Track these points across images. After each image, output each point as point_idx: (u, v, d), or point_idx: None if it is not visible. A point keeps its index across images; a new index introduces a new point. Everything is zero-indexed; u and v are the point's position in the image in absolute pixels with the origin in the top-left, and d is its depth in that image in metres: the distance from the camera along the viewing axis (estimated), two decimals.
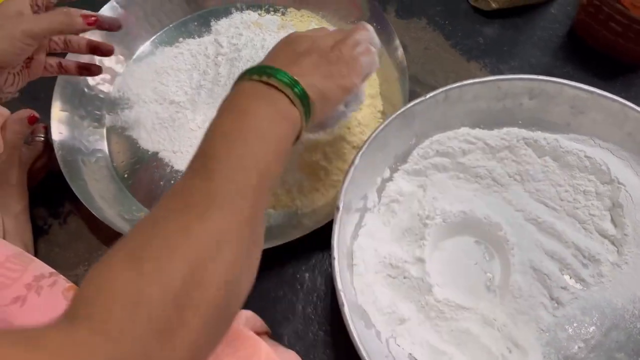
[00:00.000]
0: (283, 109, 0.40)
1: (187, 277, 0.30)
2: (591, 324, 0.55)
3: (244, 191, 0.35)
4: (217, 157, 0.36)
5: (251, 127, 0.38)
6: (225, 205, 0.34)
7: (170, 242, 0.31)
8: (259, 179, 0.36)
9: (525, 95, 0.59)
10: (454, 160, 0.60)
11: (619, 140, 0.57)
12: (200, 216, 0.33)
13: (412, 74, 0.72)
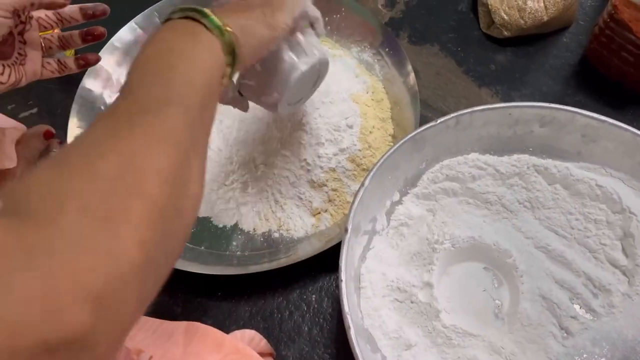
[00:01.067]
0: (203, 38, 0.39)
1: (122, 169, 0.28)
2: (601, 356, 0.54)
3: (168, 102, 0.33)
4: (149, 83, 0.35)
5: (171, 50, 0.37)
6: (151, 114, 0.32)
7: (99, 144, 0.30)
8: (184, 97, 0.35)
9: (536, 123, 0.59)
10: (463, 186, 0.60)
11: (630, 170, 0.57)
12: (128, 122, 0.31)
13: (424, 99, 0.73)
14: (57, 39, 0.58)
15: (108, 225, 0.26)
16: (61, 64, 0.59)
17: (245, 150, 0.67)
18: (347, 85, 0.69)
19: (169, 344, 0.55)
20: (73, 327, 0.23)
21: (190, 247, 0.65)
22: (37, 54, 0.56)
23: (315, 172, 0.64)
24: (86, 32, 0.58)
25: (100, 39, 0.59)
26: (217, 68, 0.40)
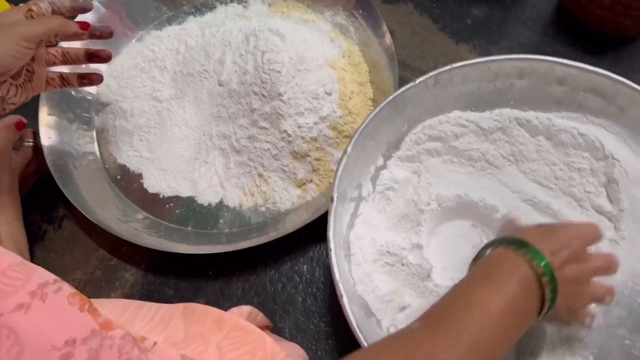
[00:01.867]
0: (530, 289, 0.39)
1: None
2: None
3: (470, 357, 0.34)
4: (453, 319, 0.36)
5: (495, 306, 0.37)
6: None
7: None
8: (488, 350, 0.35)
9: (516, 75, 0.58)
10: (446, 145, 0.60)
11: (611, 116, 0.57)
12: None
13: (401, 60, 0.72)
14: (61, 54, 0.59)
15: None
16: (64, 79, 0.60)
17: (224, 125, 0.66)
18: (322, 51, 0.67)
19: (170, 329, 0.55)
20: None
21: (177, 228, 0.64)
22: (43, 70, 0.58)
23: (296, 142, 0.63)
24: (93, 54, 0.60)
25: (106, 62, 0.62)
26: (528, 321, 0.40)
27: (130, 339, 0.48)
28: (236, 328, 0.50)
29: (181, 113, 0.69)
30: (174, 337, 0.52)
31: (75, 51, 0.59)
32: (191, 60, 0.70)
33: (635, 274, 0.54)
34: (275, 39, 0.63)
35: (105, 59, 0.61)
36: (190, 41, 0.73)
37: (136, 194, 0.67)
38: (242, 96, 0.64)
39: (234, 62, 0.65)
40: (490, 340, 0.35)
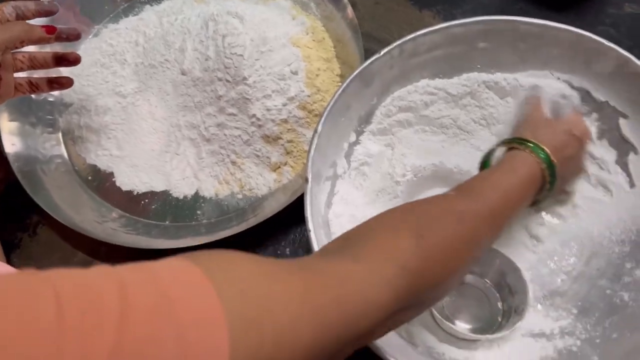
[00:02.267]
0: (535, 175, 0.47)
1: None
2: (571, 255, 0.56)
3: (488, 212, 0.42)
4: (482, 192, 0.44)
5: (513, 183, 0.46)
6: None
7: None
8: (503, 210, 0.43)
9: (480, 38, 0.58)
10: (417, 114, 0.60)
11: (577, 70, 0.57)
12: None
13: (366, 32, 0.70)
14: (29, 59, 0.57)
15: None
16: (32, 84, 0.59)
17: (191, 114, 0.65)
18: (285, 29, 0.66)
19: None
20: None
21: (155, 223, 0.64)
22: (10, 76, 0.56)
23: (267, 126, 0.62)
24: (62, 57, 0.58)
25: (75, 64, 0.60)
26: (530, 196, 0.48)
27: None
28: None
29: (147, 106, 0.67)
30: None
31: (43, 55, 0.58)
32: (151, 51, 0.68)
33: (610, 224, 0.55)
34: (235, 22, 0.62)
35: (74, 62, 0.59)
36: (149, 32, 0.71)
37: (109, 193, 0.66)
38: (207, 83, 0.62)
39: (195, 50, 0.64)
40: (503, 208, 0.43)
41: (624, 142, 0.55)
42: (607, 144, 0.57)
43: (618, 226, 0.55)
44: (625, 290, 0.51)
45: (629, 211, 0.54)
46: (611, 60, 0.54)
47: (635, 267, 0.52)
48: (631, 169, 0.55)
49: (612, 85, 0.55)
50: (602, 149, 0.57)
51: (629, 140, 0.55)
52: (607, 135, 0.57)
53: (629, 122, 0.55)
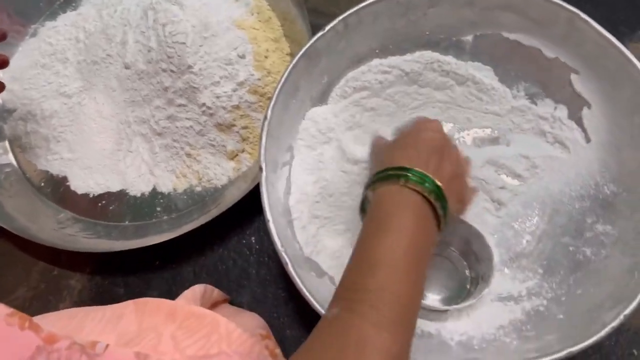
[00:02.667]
0: (424, 215, 0.38)
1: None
2: (534, 216, 0.56)
3: (391, 326, 0.34)
4: (368, 300, 0.34)
5: (397, 249, 0.36)
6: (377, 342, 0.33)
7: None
8: (403, 316, 0.35)
9: (426, 5, 0.56)
10: (373, 94, 0.58)
11: (526, 29, 0.56)
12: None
13: (312, 7, 0.68)
14: None
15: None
16: None
17: (140, 109, 0.63)
18: (228, 13, 0.64)
19: (121, 326, 0.54)
20: None
21: (114, 225, 0.62)
22: None
23: (219, 114, 0.60)
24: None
25: (3, 67, 0.56)
26: (434, 245, 0.39)
27: (77, 348, 0.47)
28: (189, 316, 0.49)
29: (93, 105, 0.65)
30: (127, 334, 0.51)
31: None
32: (93, 47, 0.66)
33: (569, 181, 0.55)
34: (174, 9, 0.60)
35: (3, 64, 0.56)
36: (89, 26, 0.68)
37: (65, 198, 0.64)
38: (152, 75, 0.60)
39: (136, 42, 0.61)
40: (407, 287, 0.35)
41: (577, 97, 0.55)
42: (559, 100, 0.57)
43: (577, 182, 0.55)
44: (588, 246, 0.51)
45: (587, 166, 0.54)
46: (561, 18, 0.53)
47: (596, 222, 0.52)
48: (586, 124, 0.55)
49: (562, 42, 0.55)
50: (554, 107, 0.57)
51: (581, 95, 0.55)
52: (559, 92, 0.57)
53: (581, 78, 0.54)
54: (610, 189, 0.52)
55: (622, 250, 0.48)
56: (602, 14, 0.66)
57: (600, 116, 0.54)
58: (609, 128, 0.53)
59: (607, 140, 0.53)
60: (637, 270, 0.45)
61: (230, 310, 0.58)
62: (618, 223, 0.50)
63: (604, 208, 0.52)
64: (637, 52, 0.65)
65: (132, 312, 0.55)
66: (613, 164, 0.52)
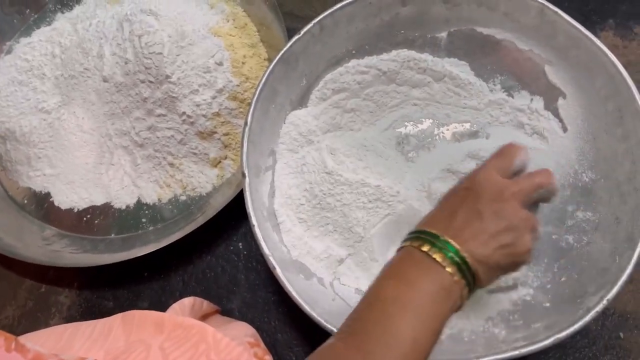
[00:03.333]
0: (446, 284, 0.36)
1: None
2: None
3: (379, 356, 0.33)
4: (370, 332, 0.34)
5: (412, 302, 0.35)
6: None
7: None
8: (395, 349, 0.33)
9: (399, 4, 0.57)
10: (352, 94, 0.59)
11: (498, 23, 0.57)
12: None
13: (288, 11, 0.69)
14: None
15: None
16: None
17: (119, 121, 0.62)
18: (203, 20, 0.64)
19: (110, 341, 0.53)
20: None
21: (100, 238, 0.62)
22: None
23: (199, 122, 0.60)
24: None
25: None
26: (452, 310, 0.36)
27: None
28: (176, 327, 0.49)
29: (73, 119, 0.65)
30: (115, 349, 0.50)
31: None
32: (70, 62, 0.65)
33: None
34: (149, 19, 0.59)
35: None
36: (64, 41, 0.67)
37: (49, 215, 0.64)
38: (130, 87, 0.60)
39: (113, 54, 0.61)
40: (416, 338, 0.34)
41: (552, 88, 0.56)
42: (535, 92, 0.58)
43: (556, 171, 0.55)
44: (570, 233, 0.52)
45: (565, 155, 0.55)
46: (532, 11, 0.54)
47: (576, 210, 0.53)
48: (562, 114, 0.56)
49: (535, 34, 0.55)
50: (530, 99, 0.58)
51: (556, 86, 0.56)
52: (535, 83, 0.57)
53: (554, 68, 0.55)
54: (589, 176, 0.53)
55: (602, 235, 0.49)
56: (574, 5, 0.68)
57: (576, 105, 0.55)
58: (584, 116, 0.54)
59: (583, 128, 0.54)
60: (618, 254, 0.46)
61: (219, 320, 0.58)
62: (598, 209, 0.51)
63: (583, 195, 0.53)
64: (608, 40, 0.67)
65: (120, 326, 0.55)
66: (590, 151, 0.53)
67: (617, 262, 0.45)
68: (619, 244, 0.47)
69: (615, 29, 0.67)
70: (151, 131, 0.61)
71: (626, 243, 0.46)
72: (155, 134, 0.61)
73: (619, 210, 0.49)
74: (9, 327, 0.60)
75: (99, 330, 0.55)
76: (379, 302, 0.36)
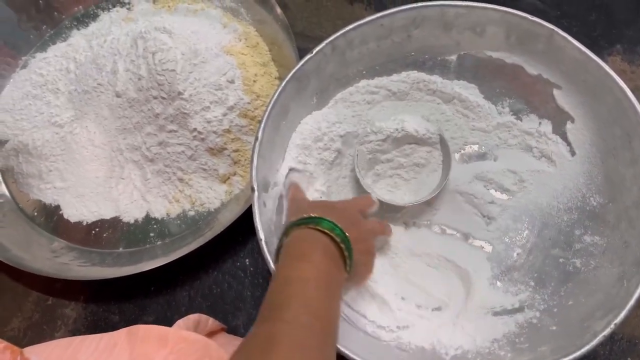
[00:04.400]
0: (333, 253, 0.42)
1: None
2: (524, 229, 0.57)
3: (306, 334, 0.35)
4: (281, 305, 0.37)
5: (309, 274, 0.39)
6: (290, 347, 0.34)
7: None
8: (318, 321, 0.37)
9: (410, 26, 0.58)
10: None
11: (508, 47, 0.57)
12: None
13: (299, 31, 0.70)
14: None
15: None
16: None
17: (131, 136, 0.63)
18: (217, 39, 0.65)
19: (114, 355, 0.53)
20: None
21: (108, 252, 0.62)
22: None
23: (210, 138, 0.61)
24: None
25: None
26: (341, 281, 0.43)
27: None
28: (180, 341, 0.49)
29: (85, 134, 0.66)
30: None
31: None
32: (84, 77, 0.66)
33: (557, 194, 0.56)
34: (163, 37, 0.61)
35: None
36: (79, 57, 0.69)
37: (58, 227, 0.64)
38: (143, 103, 0.61)
39: (127, 70, 0.62)
40: (317, 294, 0.38)
41: (560, 112, 0.56)
42: (543, 115, 0.58)
43: (564, 195, 0.56)
44: (577, 257, 0.52)
45: (573, 179, 0.55)
46: (541, 36, 0.54)
47: (584, 233, 0.53)
48: (570, 138, 0.56)
49: (544, 59, 0.56)
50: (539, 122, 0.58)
51: (564, 110, 0.56)
52: (543, 107, 0.58)
53: (563, 93, 0.55)
54: (597, 200, 0.53)
55: (610, 260, 0.49)
56: (582, 30, 0.69)
57: (584, 129, 0.55)
58: (592, 141, 0.54)
59: (591, 152, 0.54)
60: (626, 278, 0.46)
61: (225, 338, 0.58)
62: (606, 233, 0.51)
63: (591, 219, 0.53)
64: (616, 65, 0.67)
65: (125, 340, 0.55)
66: (598, 175, 0.53)
67: (625, 286, 0.45)
68: (627, 268, 0.47)
69: (623, 54, 0.68)
70: (162, 146, 0.62)
71: (634, 267, 0.46)
72: (166, 149, 0.61)
73: (627, 235, 0.49)
74: (14, 338, 0.60)
75: (104, 344, 0.55)
76: (289, 282, 0.39)
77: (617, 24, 0.70)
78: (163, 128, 0.61)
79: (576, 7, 0.70)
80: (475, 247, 0.57)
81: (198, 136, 0.60)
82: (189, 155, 0.61)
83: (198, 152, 0.61)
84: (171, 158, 0.62)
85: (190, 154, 0.61)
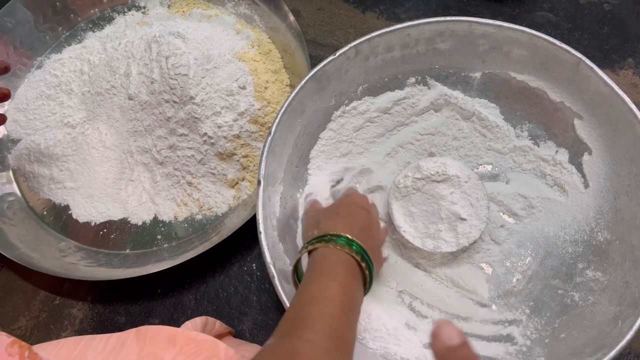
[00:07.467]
0: (356, 272, 0.43)
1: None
2: (527, 256, 0.56)
3: (324, 343, 0.36)
4: (305, 323, 0.37)
5: (335, 294, 0.39)
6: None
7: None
8: (339, 344, 0.37)
9: (437, 39, 0.57)
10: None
11: (533, 71, 0.56)
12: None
13: (312, 39, 0.71)
14: None
15: None
16: None
17: (142, 139, 0.64)
18: (229, 45, 0.65)
19: (123, 354, 0.54)
20: None
21: (115, 253, 0.62)
22: None
23: (220, 143, 0.61)
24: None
25: (5, 100, 0.58)
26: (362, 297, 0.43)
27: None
28: (189, 342, 0.50)
29: (96, 135, 0.66)
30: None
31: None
32: (97, 79, 0.67)
33: (565, 224, 0.56)
34: (177, 42, 0.61)
35: (3, 98, 0.58)
36: (93, 59, 0.70)
37: (67, 227, 0.65)
38: (154, 106, 0.61)
39: (139, 73, 0.63)
40: (340, 315, 0.38)
41: (578, 142, 0.55)
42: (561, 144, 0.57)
43: (572, 226, 0.55)
44: (576, 290, 0.51)
45: (583, 211, 0.54)
46: (567, 63, 0.53)
47: (587, 267, 0.52)
48: (585, 169, 0.55)
49: (568, 87, 0.55)
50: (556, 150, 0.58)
51: (583, 141, 0.55)
52: (562, 135, 0.57)
53: (583, 123, 0.55)
54: (604, 236, 0.52)
55: (609, 298, 0.48)
56: (594, 43, 0.69)
57: (600, 163, 0.54)
58: (607, 175, 0.53)
59: (605, 187, 0.53)
60: (622, 319, 0.45)
61: (232, 342, 0.58)
62: (608, 271, 0.50)
63: (596, 255, 0.52)
64: (627, 79, 0.67)
65: (133, 340, 0.55)
66: (609, 211, 0.53)
67: (619, 326, 0.45)
68: (624, 309, 0.46)
69: (635, 67, 0.67)
70: (172, 150, 0.62)
71: (631, 308, 0.45)
72: (176, 152, 0.62)
73: (629, 275, 0.48)
74: (21, 337, 0.60)
75: (112, 343, 0.55)
76: (309, 302, 0.39)
77: (629, 37, 0.70)
78: (174, 132, 0.61)
79: (588, 20, 0.70)
80: (476, 266, 0.57)
81: (208, 141, 0.61)
82: (198, 160, 0.62)
83: (207, 157, 0.62)
84: (181, 162, 0.62)
85: (199, 158, 0.62)
